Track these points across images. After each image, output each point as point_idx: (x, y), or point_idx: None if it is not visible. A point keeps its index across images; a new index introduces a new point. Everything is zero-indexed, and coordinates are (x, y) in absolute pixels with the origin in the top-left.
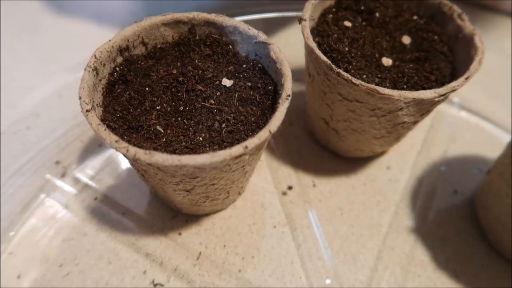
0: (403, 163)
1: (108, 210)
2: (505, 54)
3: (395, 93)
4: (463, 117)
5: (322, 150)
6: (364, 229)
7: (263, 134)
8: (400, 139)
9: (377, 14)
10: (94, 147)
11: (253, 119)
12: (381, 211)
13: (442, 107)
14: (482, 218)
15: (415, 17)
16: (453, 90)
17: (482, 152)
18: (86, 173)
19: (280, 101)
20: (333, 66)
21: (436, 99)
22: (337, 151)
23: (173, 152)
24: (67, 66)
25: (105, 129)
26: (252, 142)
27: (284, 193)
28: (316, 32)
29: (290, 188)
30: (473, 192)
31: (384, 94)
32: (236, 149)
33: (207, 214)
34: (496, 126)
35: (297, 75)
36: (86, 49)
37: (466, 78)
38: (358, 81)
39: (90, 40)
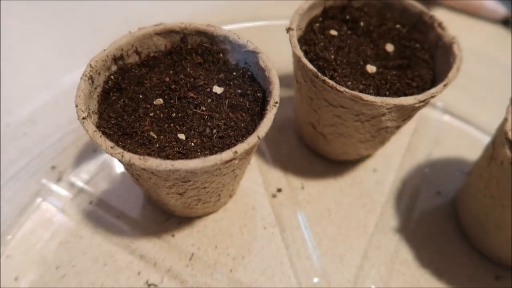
0: (388, 165)
1: (103, 213)
2: (487, 60)
3: (378, 99)
4: (446, 121)
5: (311, 154)
6: (351, 229)
7: (252, 140)
8: (385, 143)
9: (361, 23)
10: (89, 152)
11: (242, 125)
12: (367, 212)
13: (426, 112)
14: (462, 218)
15: (398, 26)
16: (432, 97)
17: (465, 154)
18: (81, 177)
19: (268, 107)
20: (319, 74)
21: (416, 105)
22: (325, 155)
23: (166, 157)
24: (63, 74)
25: (100, 136)
26: (241, 147)
27: (274, 196)
28: (304, 40)
29: (279, 190)
30: (455, 193)
31: (367, 100)
32: (226, 154)
33: (199, 217)
34: (478, 129)
35: (286, 81)
36: (81, 56)
37: (445, 85)
38: (342, 88)
39: (85, 48)
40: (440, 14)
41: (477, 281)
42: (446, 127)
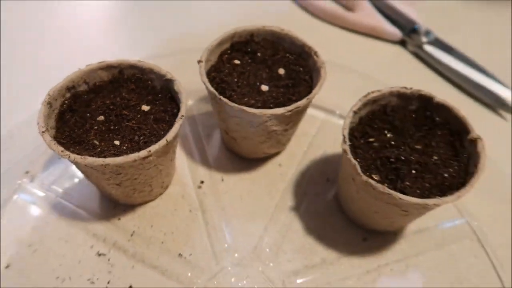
0: (291, 161)
1: (67, 204)
2: (383, 75)
3: (257, 111)
4: (341, 124)
5: (230, 153)
6: (256, 210)
7: (162, 142)
8: (283, 143)
9: (259, 54)
10: (55, 158)
11: (162, 133)
12: (271, 197)
13: (326, 117)
14: (339, 195)
15: (287, 55)
16: (297, 107)
17: None
18: (49, 179)
19: (177, 119)
20: (216, 94)
21: (286, 114)
22: (240, 154)
23: (104, 157)
24: (35, 97)
25: (54, 144)
26: (153, 148)
27: (199, 187)
28: (214, 69)
29: (202, 182)
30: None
31: (249, 112)
32: (142, 153)
33: (140, 204)
34: None
35: None
36: (48, 83)
37: (308, 99)
38: (232, 104)
39: (53, 75)
40: (349, 37)
41: (348, 243)
42: (341, 129)
